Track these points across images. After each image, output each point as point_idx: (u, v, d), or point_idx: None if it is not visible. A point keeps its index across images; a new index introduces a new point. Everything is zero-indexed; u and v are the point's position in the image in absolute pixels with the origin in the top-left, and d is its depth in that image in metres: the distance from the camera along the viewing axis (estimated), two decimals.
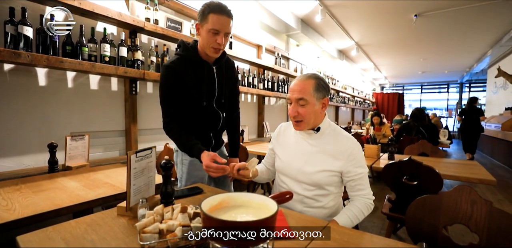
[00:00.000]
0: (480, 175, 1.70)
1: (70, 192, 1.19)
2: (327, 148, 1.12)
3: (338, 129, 1.19)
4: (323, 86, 1.12)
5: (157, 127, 2.69)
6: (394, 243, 0.74)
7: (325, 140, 1.14)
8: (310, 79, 1.10)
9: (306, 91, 1.08)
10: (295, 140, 1.21)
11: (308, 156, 1.15)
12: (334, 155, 1.11)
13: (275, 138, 1.33)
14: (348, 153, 1.09)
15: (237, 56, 3.29)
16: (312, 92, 1.08)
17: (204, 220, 0.56)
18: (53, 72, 1.96)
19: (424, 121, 3.82)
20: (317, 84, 1.10)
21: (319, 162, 1.12)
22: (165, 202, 0.94)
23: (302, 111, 1.09)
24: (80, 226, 0.82)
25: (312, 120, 1.12)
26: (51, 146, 1.61)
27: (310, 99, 1.08)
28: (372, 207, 1.12)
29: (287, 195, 0.90)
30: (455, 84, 13.65)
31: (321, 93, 1.11)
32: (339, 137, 1.14)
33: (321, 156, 1.12)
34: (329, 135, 1.16)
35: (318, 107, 1.12)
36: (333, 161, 1.10)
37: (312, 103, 1.09)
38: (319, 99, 1.11)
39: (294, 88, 1.11)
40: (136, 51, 2.26)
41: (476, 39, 6.32)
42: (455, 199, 0.89)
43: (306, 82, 1.09)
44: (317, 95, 1.10)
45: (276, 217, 0.58)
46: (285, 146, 1.25)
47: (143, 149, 0.95)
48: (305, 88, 1.08)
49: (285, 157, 1.22)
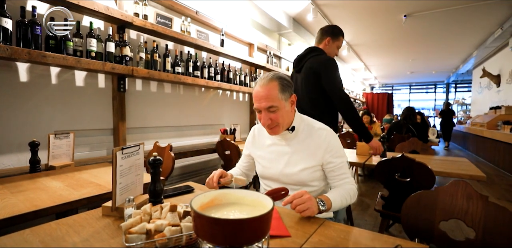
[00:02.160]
0: (470, 171, 1.71)
1: (52, 192, 1.12)
2: (304, 145, 1.10)
3: (310, 121, 1.16)
4: (287, 84, 1.05)
5: (146, 125, 2.62)
6: (393, 240, 0.71)
7: (301, 138, 1.12)
8: (272, 82, 1.02)
9: (273, 97, 1.01)
10: (271, 142, 1.17)
11: (287, 157, 1.12)
12: (313, 150, 1.09)
13: (251, 142, 1.28)
14: (325, 144, 1.07)
15: (228, 54, 3.25)
16: (279, 95, 1.02)
17: (194, 219, 0.52)
18: (36, 67, 1.87)
19: (414, 120, 3.87)
20: (282, 85, 1.03)
21: (299, 161, 1.09)
22: (154, 201, 0.89)
23: (275, 117, 1.04)
24: (61, 228, 0.77)
25: (286, 122, 1.08)
26: (32, 145, 1.53)
27: (280, 104, 1.02)
28: (356, 193, 1.11)
29: (283, 191, 0.87)
30: (442, 84, 13.96)
31: (287, 92, 1.05)
32: (313, 131, 1.12)
33: (300, 155, 1.10)
34: (304, 131, 1.13)
35: (289, 108, 1.07)
36: (312, 157, 1.08)
37: (282, 106, 1.04)
38: (287, 99, 1.05)
39: (260, 96, 1.02)
40: (125, 47, 2.19)
41: (462, 40, 6.47)
42: (451, 194, 0.88)
43: (270, 86, 1.01)
44: (284, 96, 1.04)
45: (271, 214, 0.55)
46: (263, 149, 1.21)
47: (130, 145, 0.90)
48: (271, 94, 1.01)
49: (264, 161, 1.18)
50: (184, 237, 0.63)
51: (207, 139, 3.36)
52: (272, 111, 1.03)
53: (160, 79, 2.52)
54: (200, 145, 3.06)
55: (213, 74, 3.10)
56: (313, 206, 0.85)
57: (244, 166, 1.34)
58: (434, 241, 0.88)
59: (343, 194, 1.02)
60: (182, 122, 3.02)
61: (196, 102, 3.21)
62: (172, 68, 2.63)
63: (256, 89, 1.04)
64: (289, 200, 0.85)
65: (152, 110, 2.68)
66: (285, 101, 1.04)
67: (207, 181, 1.07)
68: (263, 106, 1.02)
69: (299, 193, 0.87)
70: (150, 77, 2.35)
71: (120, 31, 2.27)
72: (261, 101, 1.02)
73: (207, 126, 3.38)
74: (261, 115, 1.05)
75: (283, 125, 1.07)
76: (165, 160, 1.81)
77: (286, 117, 1.06)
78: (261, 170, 1.21)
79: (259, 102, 1.03)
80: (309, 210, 0.84)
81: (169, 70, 2.57)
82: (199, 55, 3.11)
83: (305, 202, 0.85)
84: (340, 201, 0.99)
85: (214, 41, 3.26)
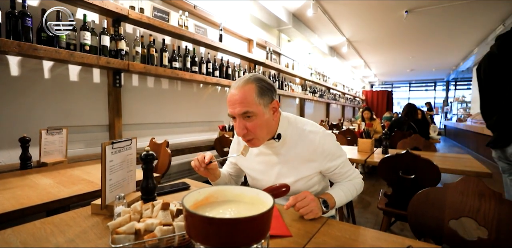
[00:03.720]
0: (475, 168, 1.67)
1: (41, 190, 1.07)
2: (296, 152, 0.97)
3: (300, 124, 1.00)
4: (267, 87, 0.90)
5: (143, 122, 2.57)
6: (401, 240, 0.66)
7: (291, 144, 0.98)
8: (249, 84, 0.87)
9: (248, 101, 0.86)
10: (258, 151, 1.03)
11: (278, 168, 1.00)
12: (306, 157, 0.96)
13: (236, 150, 1.14)
14: (320, 150, 0.95)
15: (227, 49, 3.19)
16: (256, 99, 0.86)
17: (186, 218, 0.46)
18: (28, 61, 1.81)
19: (415, 116, 3.82)
20: (259, 88, 0.88)
21: (292, 171, 0.98)
22: (146, 198, 0.84)
23: (251, 126, 0.88)
24: (46, 227, 0.72)
25: (265, 133, 0.91)
26: (23, 141, 1.47)
27: (257, 110, 0.87)
28: (363, 184, 1.06)
29: (283, 188, 0.81)
30: (441, 82, 13.91)
31: (267, 97, 0.89)
32: (303, 135, 0.97)
33: (293, 164, 0.98)
34: (293, 136, 0.98)
35: (269, 115, 0.91)
36: (307, 165, 0.97)
37: (261, 113, 0.88)
38: (266, 105, 0.89)
39: (234, 99, 0.87)
40: (120, 41, 2.13)
41: (463, 37, 6.40)
42: (461, 191, 0.83)
43: (245, 89, 0.86)
44: (263, 101, 0.88)
45: (271, 213, 0.49)
46: (249, 159, 1.07)
47: (121, 139, 0.85)
48: (246, 97, 0.86)
49: (254, 173, 1.07)
50: (176, 238, 0.58)
51: (206, 136, 3.30)
52: (247, 117, 0.88)
53: (157, 75, 2.47)
54: (199, 142, 3.00)
55: (211, 70, 3.04)
56: (316, 208, 0.80)
57: (230, 172, 1.22)
58: (444, 241, 0.84)
59: (348, 189, 0.97)
60: (180, 118, 2.97)
61: (194, 98, 3.15)
62: (169, 63, 2.57)
63: (231, 92, 0.90)
64: (292, 203, 0.80)
65: (149, 106, 2.63)
66: (264, 107, 0.88)
67: (193, 163, 0.96)
68: (237, 112, 0.87)
69: (302, 194, 0.82)
70: (146, 72, 2.29)
71: (116, 25, 2.20)
72: (235, 106, 0.87)
73: (206, 122, 3.32)
74: (236, 123, 0.90)
75: (262, 137, 0.92)
76: (161, 156, 1.76)
77: (265, 127, 0.90)
78: (251, 182, 1.12)
79: (232, 107, 0.88)
80: (313, 213, 0.79)
81: (166, 65, 2.51)
82: (197, 51, 3.05)
83: (308, 204, 0.80)
84: (345, 196, 0.95)
85: (213, 36, 3.19)
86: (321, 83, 6.53)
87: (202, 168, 0.96)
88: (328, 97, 7.17)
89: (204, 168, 0.96)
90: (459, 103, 10.98)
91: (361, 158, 2.06)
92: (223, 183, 1.14)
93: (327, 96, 7.12)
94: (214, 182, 1.09)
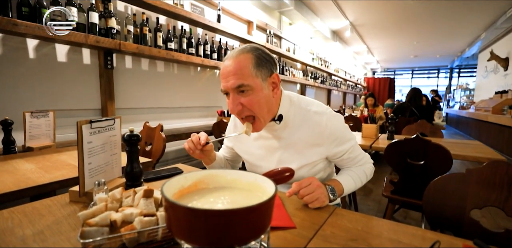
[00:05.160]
0: (487, 154, 1.57)
1: (20, 176, 0.98)
2: (299, 136, 0.86)
3: (304, 104, 0.88)
4: (265, 58, 0.78)
5: (137, 106, 2.45)
6: (422, 232, 0.58)
7: (294, 127, 0.86)
8: (244, 53, 0.75)
9: (243, 72, 0.74)
10: (257, 135, 0.92)
11: (279, 153, 0.90)
12: (311, 141, 0.86)
13: (233, 132, 1.04)
14: (327, 133, 0.84)
15: (225, 31, 3.02)
16: (252, 71, 0.74)
17: (166, 209, 0.37)
18: (9, 39, 1.68)
19: (419, 102, 3.70)
20: (257, 58, 0.75)
21: (295, 157, 0.88)
22: (131, 185, 0.75)
23: (247, 101, 0.76)
24: (14, 217, 0.63)
25: (265, 111, 0.79)
26: (4, 123, 1.37)
27: (254, 83, 0.75)
28: (373, 169, 0.97)
29: (287, 172, 0.71)
30: (445, 69, 13.65)
31: (265, 68, 0.77)
32: (308, 116, 0.86)
33: (296, 149, 0.87)
34: (296, 117, 0.87)
35: (268, 91, 0.79)
36: (312, 150, 0.87)
37: (258, 88, 0.76)
38: (265, 79, 0.77)
39: (227, 72, 0.75)
40: (110, 18, 1.98)
41: (470, 21, 6.16)
42: (487, 178, 0.73)
43: (240, 59, 0.74)
44: (261, 73, 0.76)
45: (273, 202, 0.40)
46: (248, 143, 0.97)
47: (102, 118, 0.74)
48: (241, 68, 0.73)
49: (252, 159, 0.97)
50: (160, 231, 0.49)
51: (204, 121, 3.20)
52: (242, 92, 0.76)
53: (151, 56, 2.33)
54: (196, 127, 2.90)
55: (209, 52, 2.89)
56: (323, 196, 0.71)
57: (227, 157, 1.12)
58: (464, 232, 0.75)
59: (357, 175, 0.87)
60: (176, 103, 2.85)
61: (192, 82, 3.02)
62: (164, 44, 2.42)
63: (224, 64, 0.77)
64: (295, 190, 0.70)
65: (144, 90, 2.50)
66: (262, 81, 0.76)
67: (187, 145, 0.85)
68: (230, 86, 0.75)
69: (306, 180, 0.73)
70: (139, 53, 2.16)
71: (105, 1, 2.04)
72: (228, 79, 0.75)
73: (203, 108, 3.21)
74: (229, 99, 0.78)
75: (261, 115, 0.79)
76: (156, 141, 1.67)
77: (264, 104, 0.78)
78: (250, 168, 1.01)
79: (225, 80, 0.76)
80: (319, 201, 0.70)
81: (161, 46, 2.37)
82: (194, 31, 2.89)
83: (313, 191, 0.70)
84: (355, 183, 0.85)
85: (210, 17, 3.01)
86: (323, 69, 6.35)
87: (198, 151, 0.85)
88: (329, 83, 7.00)
89: (199, 150, 0.85)
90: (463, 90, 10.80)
91: (366, 143, 1.97)
92: (219, 167, 1.04)
93: (329, 83, 6.96)
94: (208, 165, 0.99)
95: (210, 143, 0.87)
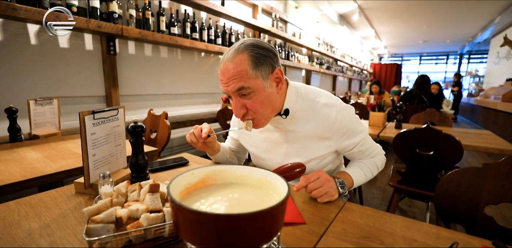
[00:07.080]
0: (499, 144, 1.54)
1: (26, 165, 0.97)
2: (307, 129, 0.83)
3: (311, 96, 0.84)
4: (263, 54, 0.73)
5: (140, 93, 2.42)
6: (436, 230, 0.56)
7: (301, 119, 0.83)
8: (239, 55, 0.71)
9: (242, 75, 0.70)
10: (264, 128, 0.87)
11: (286, 147, 0.87)
12: (319, 135, 0.83)
13: (238, 124, 0.99)
14: (337, 126, 0.80)
15: (230, 15, 2.92)
16: (251, 72, 0.71)
17: (173, 211, 0.35)
18: (9, 24, 1.63)
19: (428, 89, 3.61)
20: (253, 57, 0.71)
21: (302, 150, 0.85)
22: (137, 176, 0.73)
23: (251, 104, 0.74)
24: (21, 209, 0.62)
25: (268, 111, 0.77)
26: (9, 111, 1.36)
27: (255, 84, 0.72)
28: (385, 160, 0.95)
29: (298, 168, 0.68)
30: (454, 54, 13.27)
31: (265, 66, 0.73)
32: (316, 108, 0.82)
33: (303, 143, 0.85)
34: (304, 110, 0.83)
35: (272, 89, 0.76)
36: (320, 144, 0.84)
37: (260, 88, 0.73)
38: (266, 77, 0.73)
39: (225, 77, 0.72)
40: (111, 2, 1.91)
41: (485, 4, 5.88)
42: (505, 173, 0.71)
43: (235, 62, 0.71)
44: (261, 73, 0.72)
45: (286, 204, 0.38)
46: (253, 135, 0.95)
47: (104, 109, 0.72)
48: (239, 70, 0.70)
49: (258, 151, 0.95)
50: (167, 227, 0.48)
51: (208, 108, 3.17)
52: (244, 95, 0.73)
53: (154, 41, 2.26)
54: (201, 114, 2.88)
55: (213, 37, 2.81)
56: (332, 189, 0.69)
57: (232, 148, 1.10)
58: (477, 228, 0.74)
59: (368, 167, 0.85)
60: (181, 89, 2.81)
61: (196, 68, 2.96)
62: (167, 29, 2.35)
63: (220, 68, 0.75)
64: (303, 185, 0.68)
65: (147, 76, 2.46)
66: (263, 80, 0.73)
67: (189, 138, 0.85)
68: (230, 90, 0.72)
69: (314, 174, 0.70)
70: (142, 38, 2.10)
71: None
72: (228, 82, 0.72)
73: (208, 94, 3.17)
74: (233, 102, 0.76)
75: (265, 115, 0.77)
76: (160, 129, 1.65)
77: (268, 104, 0.75)
78: (255, 161, 0.99)
79: (225, 85, 0.73)
80: (328, 195, 0.68)
81: (164, 31, 2.30)
82: (198, 16, 2.79)
83: (322, 185, 0.68)
84: (365, 175, 0.84)
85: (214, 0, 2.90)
86: (329, 54, 6.19)
87: (200, 143, 0.84)
88: (335, 69, 6.86)
89: (201, 142, 0.84)
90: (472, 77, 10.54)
91: (373, 132, 1.94)
92: (224, 158, 1.03)
93: (335, 68, 6.81)
94: (213, 156, 0.98)
95: (212, 135, 0.85)
